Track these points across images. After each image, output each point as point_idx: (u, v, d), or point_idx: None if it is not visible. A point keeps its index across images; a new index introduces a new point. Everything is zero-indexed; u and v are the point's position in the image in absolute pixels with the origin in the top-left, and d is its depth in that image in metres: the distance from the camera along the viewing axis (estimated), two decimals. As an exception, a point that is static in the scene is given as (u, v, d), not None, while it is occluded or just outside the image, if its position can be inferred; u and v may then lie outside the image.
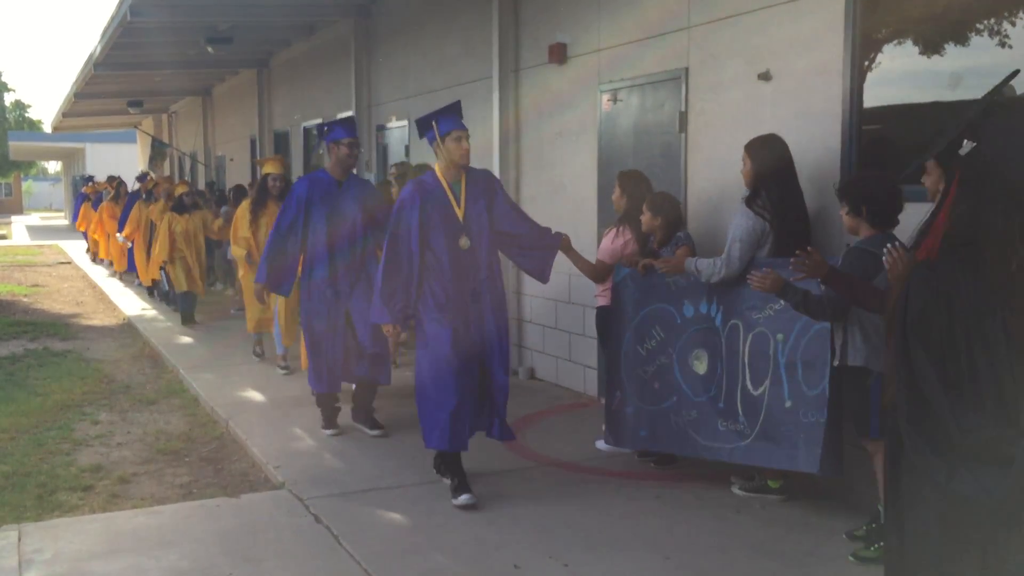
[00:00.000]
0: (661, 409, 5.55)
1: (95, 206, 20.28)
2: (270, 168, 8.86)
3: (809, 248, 4.20)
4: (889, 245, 3.62)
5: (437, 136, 5.44)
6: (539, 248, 5.64)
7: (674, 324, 5.54)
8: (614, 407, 5.78)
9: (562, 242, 5.74)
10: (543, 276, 5.68)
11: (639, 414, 5.66)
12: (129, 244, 15.28)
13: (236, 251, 9.05)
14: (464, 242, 5.35)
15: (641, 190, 6.07)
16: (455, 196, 5.42)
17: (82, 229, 22.82)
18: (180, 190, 12.83)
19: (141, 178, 17.06)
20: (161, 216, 12.42)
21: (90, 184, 23.64)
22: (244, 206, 8.94)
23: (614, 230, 6.11)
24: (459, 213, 5.38)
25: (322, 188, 6.61)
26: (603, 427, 5.97)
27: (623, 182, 6.19)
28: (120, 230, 16.43)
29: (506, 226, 5.54)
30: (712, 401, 5.30)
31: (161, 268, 12.51)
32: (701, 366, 5.40)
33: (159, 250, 11.86)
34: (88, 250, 22.83)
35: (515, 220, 5.62)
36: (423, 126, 5.55)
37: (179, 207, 12.00)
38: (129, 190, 18.27)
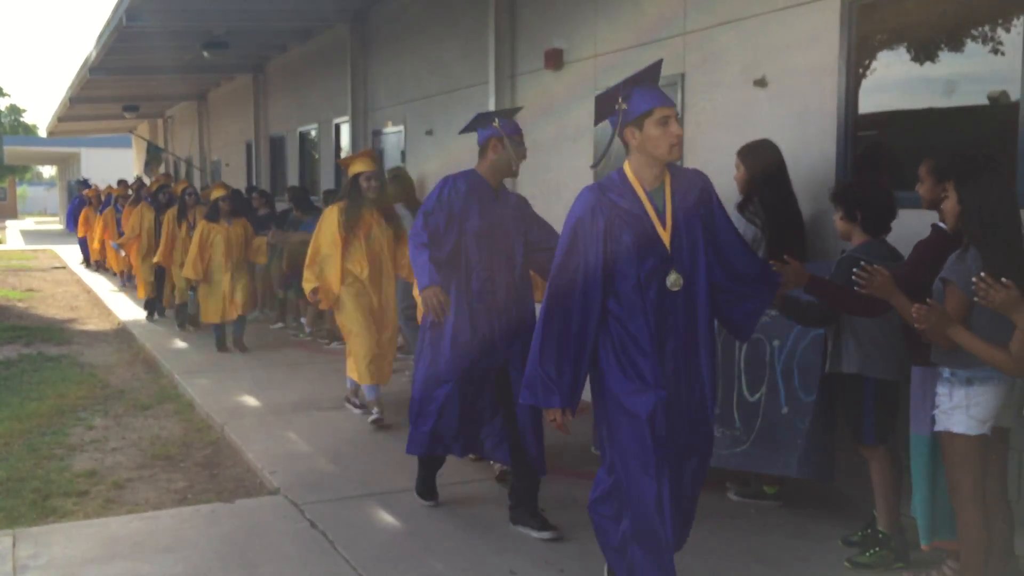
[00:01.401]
0: None
1: (101, 210, 19.13)
2: (360, 166, 7.04)
3: (785, 256, 3.93)
4: (858, 267, 3.73)
5: (622, 120, 3.68)
6: (756, 289, 3.78)
7: None
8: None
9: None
10: (747, 332, 3.89)
11: None
12: (123, 253, 14.07)
13: (307, 280, 6.99)
14: (674, 280, 3.59)
15: None
16: (657, 209, 3.63)
17: (83, 235, 21.56)
18: (181, 188, 11.91)
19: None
20: (173, 222, 11.12)
21: (91, 187, 22.09)
22: (332, 215, 7.01)
23: None
24: (664, 236, 3.59)
25: (479, 195, 4.97)
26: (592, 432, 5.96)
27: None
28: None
29: (730, 254, 3.71)
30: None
31: (191, 290, 10.93)
32: None
33: (189, 267, 9.84)
34: (87, 260, 21.68)
35: (739, 246, 3.76)
36: (604, 107, 3.80)
37: (214, 214, 9.95)
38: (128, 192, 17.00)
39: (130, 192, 16.57)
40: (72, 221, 23.94)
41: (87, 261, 21.74)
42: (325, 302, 7.06)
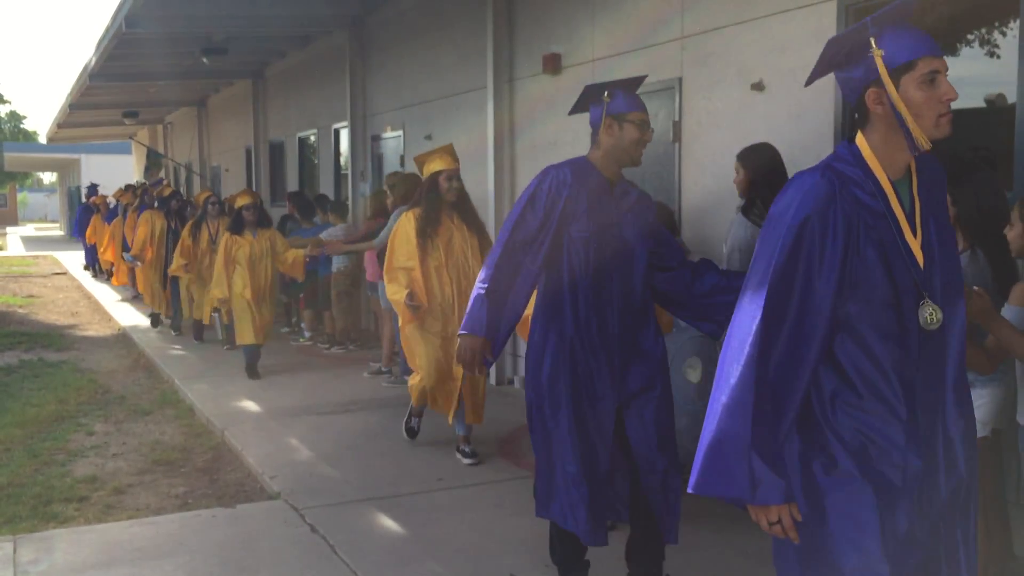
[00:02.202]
0: None
1: (108, 219, 18.02)
2: (439, 163, 6.04)
3: None
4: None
5: (885, 77, 2.48)
6: None
7: (669, 333, 5.55)
8: None
9: None
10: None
11: None
12: (138, 264, 12.45)
13: (395, 291, 6.02)
14: (932, 315, 2.36)
15: None
16: (906, 211, 2.45)
17: (93, 242, 20.28)
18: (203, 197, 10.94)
19: (155, 184, 14.71)
20: (193, 233, 10.46)
21: (99, 194, 20.99)
22: (407, 223, 6.09)
23: None
24: (917, 251, 2.41)
25: (589, 188, 3.91)
26: None
27: None
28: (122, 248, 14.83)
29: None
30: (704, 410, 5.29)
31: (215, 311, 10.09)
32: (695, 374, 5.41)
33: (216, 286, 8.97)
34: (93, 268, 20.98)
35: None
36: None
37: (237, 225, 9.03)
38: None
39: (136, 198, 15.59)
40: (79, 227, 22.77)
41: (93, 269, 21.03)
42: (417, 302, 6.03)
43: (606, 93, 3.90)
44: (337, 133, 13.22)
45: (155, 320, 12.58)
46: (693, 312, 4.02)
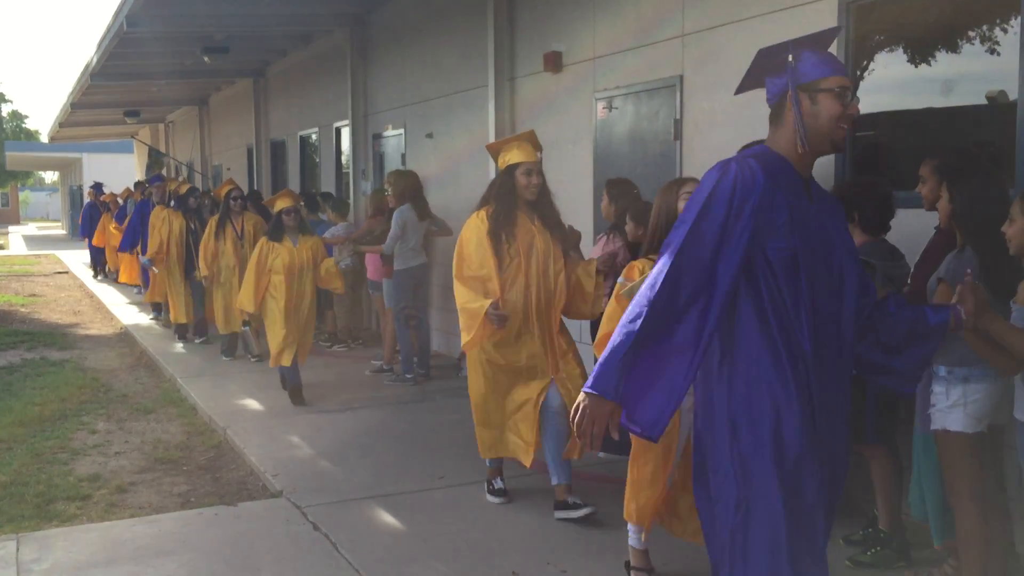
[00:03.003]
0: None
1: (119, 217, 17.14)
2: (518, 155, 5.19)
3: None
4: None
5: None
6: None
7: None
8: None
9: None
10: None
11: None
12: (154, 269, 11.40)
13: (469, 298, 5.12)
14: None
15: (629, 198, 6.08)
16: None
17: (100, 244, 19.41)
18: (226, 190, 9.98)
19: (155, 179, 13.56)
20: (211, 234, 9.64)
21: (105, 192, 20.09)
22: (478, 226, 5.19)
23: (604, 237, 6.13)
24: None
25: (784, 190, 2.82)
26: None
27: (611, 190, 6.20)
28: (125, 248, 13.83)
29: None
30: None
31: (245, 324, 9.20)
32: None
33: (246, 298, 7.81)
34: (99, 270, 20.25)
35: None
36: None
37: (277, 230, 7.84)
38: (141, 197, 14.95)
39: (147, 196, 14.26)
40: (85, 228, 21.33)
41: (98, 271, 20.39)
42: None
43: (790, 56, 2.85)
44: (338, 132, 13.23)
45: (182, 331, 11.33)
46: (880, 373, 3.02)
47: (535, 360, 5.12)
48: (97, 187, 20.95)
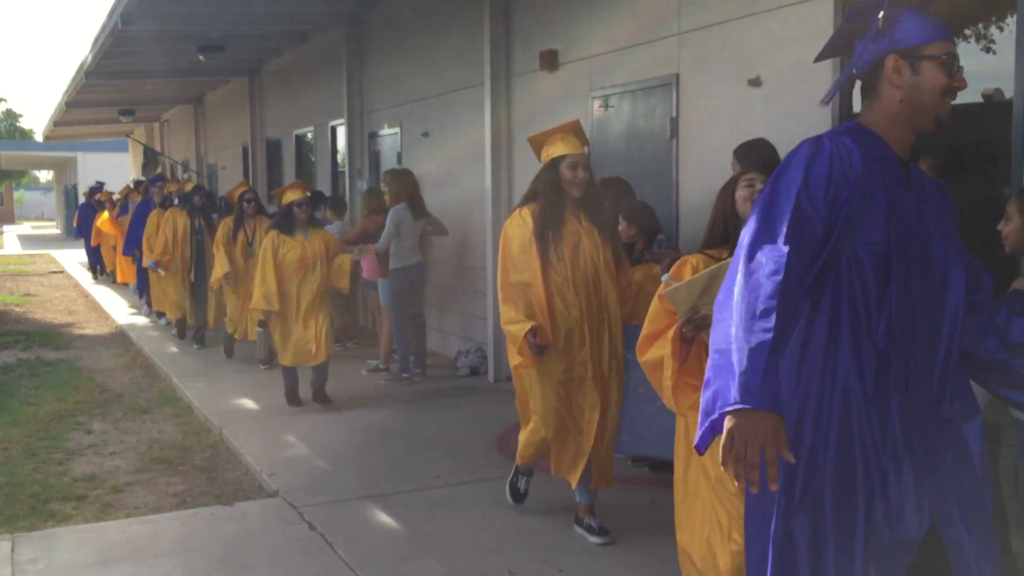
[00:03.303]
0: (644, 413, 5.55)
1: (120, 216, 16.27)
2: (563, 147, 4.78)
3: None
4: None
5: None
6: None
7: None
8: None
9: None
10: None
11: (621, 418, 5.67)
12: (160, 272, 10.93)
13: (511, 319, 4.70)
14: None
15: (627, 197, 6.09)
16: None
17: (96, 243, 18.48)
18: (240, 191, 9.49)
19: (156, 179, 12.91)
20: (228, 237, 9.15)
21: (103, 191, 19.04)
22: (521, 224, 4.76)
23: None
24: None
25: (880, 172, 2.42)
26: None
27: (605, 190, 6.19)
28: (131, 251, 13.15)
29: None
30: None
31: (261, 324, 8.77)
32: None
33: (260, 297, 7.38)
34: (97, 270, 19.60)
35: None
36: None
37: (287, 222, 7.51)
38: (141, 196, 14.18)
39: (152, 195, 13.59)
40: (82, 228, 20.51)
41: (96, 272, 19.75)
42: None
43: (880, 14, 2.42)
44: (334, 131, 13.21)
45: (182, 329, 11.16)
46: (1005, 374, 2.51)
47: (586, 373, 4.70)
48: (96, 187, 20.07)
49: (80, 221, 21.14)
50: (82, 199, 22.67)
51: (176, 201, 11.13)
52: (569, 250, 4.64)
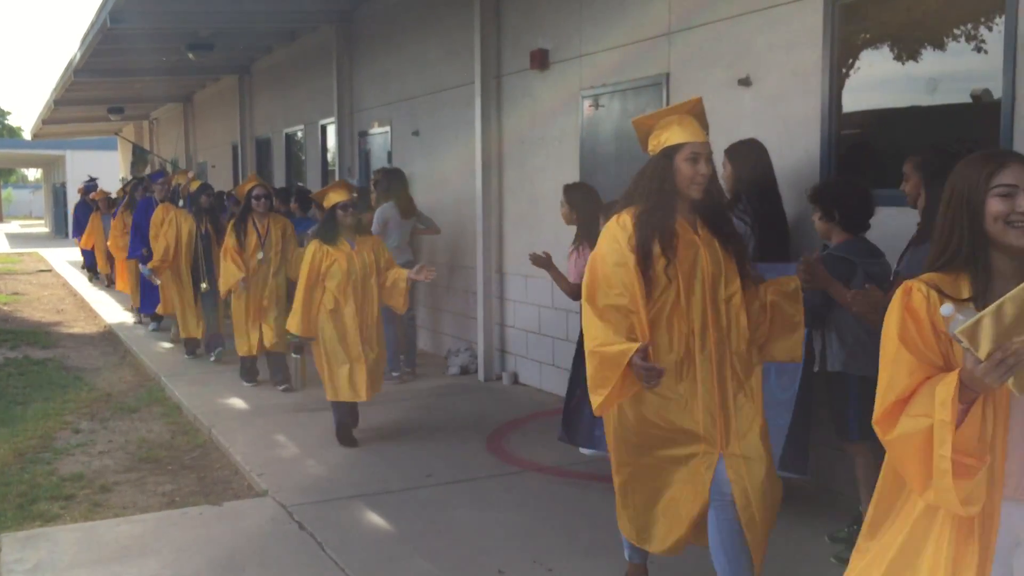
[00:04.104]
0: None
1: (115, 215, 14.66)
2: (680, 134, 3.62)
3: (811, 255, 3.83)
4: (839, 265, 3.73)
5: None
6: None
7: None
8: (572, 404, 5.81)
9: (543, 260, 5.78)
10: None
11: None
12: (156, 280, 10.18)
13: (603, 339, 3.53)
14: None
15: (589, 203, 6.08)
16: None
17: (88, 247, 17.48)
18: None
19: (156, 176, 11.70)
20: (238, 234, 8.09)
21: (98, 189, 17.76)
22: (617, 230, 3.63)
23: (575, 251, 6.07)
24: None
25: None
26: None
27: (569, 196, 6.18)
28: (137, 254, 11.30)
29: None
30: None
31: (296, 352, 7.82)
32: None
33: (297, 319, 6.36)
34: (94, 272, 18.43)
35: None
36: None
37: (331, 229, 6.40)
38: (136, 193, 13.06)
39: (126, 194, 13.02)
40: (78, 229, 19.01)
41: (93, 273, 18.72)
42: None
43: None
44: (324, 129, 13.19)
45: (192, 346, 10.01)
46: None
47: (699, 424, 3.54)
48: (89, 184, 18.82)
49: (76, 220, 19.53)
50: (77, 196, 21.45)
51: (181, 201, 10.05)
52: (684, 269, 3.52)
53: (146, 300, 11.76)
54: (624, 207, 3.71)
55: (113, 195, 17.02)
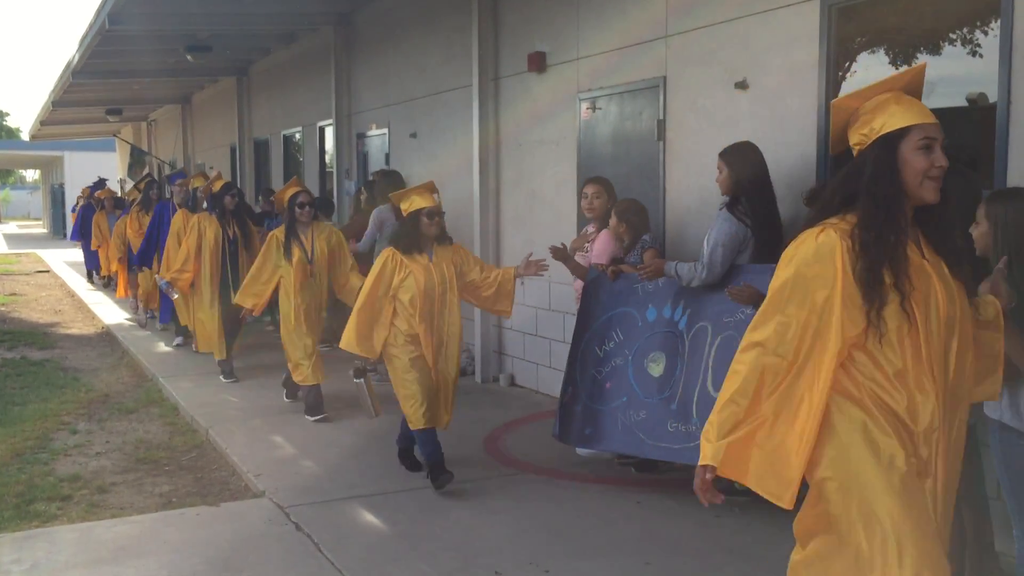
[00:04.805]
0: (609, 409, 5.60)
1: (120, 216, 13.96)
2: (899, 115, 2.71)
3: None
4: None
5: None
6: None
7: (635, 327, 5.61)
8: (565, 402, 5.84)
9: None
10: None
11: (586, 412, 5.72)
12: (174, 294, 9.01)
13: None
14: None
15: (614, 196, 6.28)
16: None
17: (97, 247, 15.79)
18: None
19: (175, 176, 11.15)
20: (276, 251, 7.20)
21: (105, 188, 16.72)
22: (808, 247, 2.68)
23: (605, 232, 6.17)
24: None
25: None
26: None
27: (608, 188, 6.31)
28: (146, 262, 10.83)
29: None
30: (664, 403, 5.33)
31: (358, 376, 6.10)
32: (657, 368, 5.44)
33: (353, 334, 5.66)
34: (95, 275, 17.83)
35: None
36: None
37: (412, 238, 5.68)
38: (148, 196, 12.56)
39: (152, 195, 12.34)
40: (77, 232, 18.10)
41: (92, 276, 18.40)
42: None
43: None
44: (322, 131, 13.20)
45: (228, 370, 8.86)
46: None
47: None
48: (99, 183, 17.58)
49: (79, 222, 18.11)
50: (78, 194, 20.39)
51: (205, 204, 9.05)
52: (920, 300, 2.60)
53: (165, 308, 10.90)
54: (823, 216, 2.76)
55: (119, 195, 16.37)
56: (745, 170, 5.24)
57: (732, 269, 5.10)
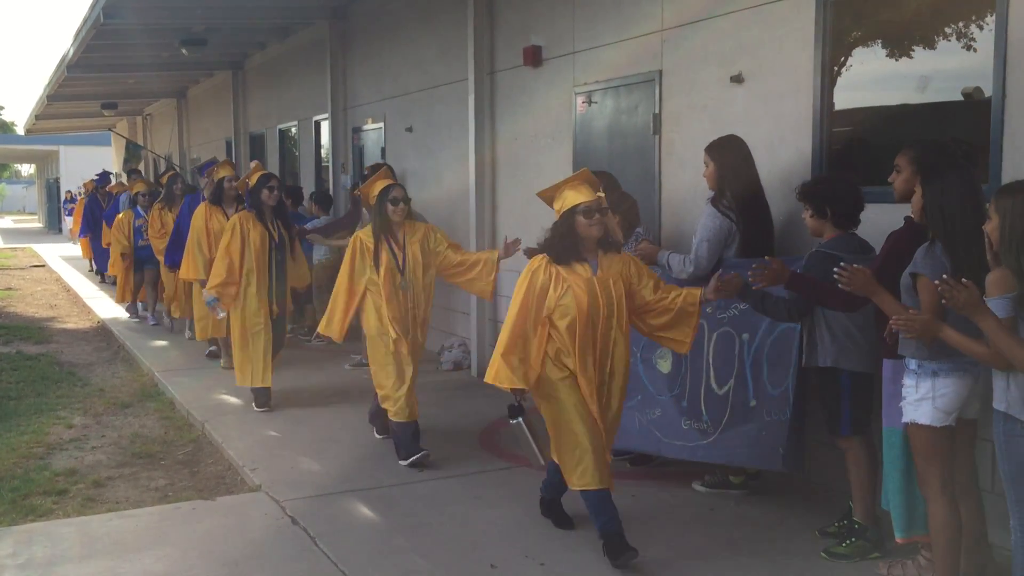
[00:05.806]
0: (626, 407, 5.58)
1: (108, 215, 13.97)
2: None
3: (768, 257, 4.33)
4: (832, 263, 3.81)
5: None
6: None
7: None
8: None
9: None
10: None
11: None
12: (220, 312, 7.54)
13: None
14: None
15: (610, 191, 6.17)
16: None
17: (105, 245, 13.95)
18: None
19: (206, 165, 10.36)
20: (363, 255, 5.95)
21: (112, 182, 16.21)
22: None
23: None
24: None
25: None
26: None
27: (610, 182, 6.28)
28: (174, 265, 9.42)
29: None
30: (676, 400, 5.34)
31: (513, 418, 4.71)
32: (665, 365, 5.45)
33: (502, 362, 4.52)
34: (101, 273, 16.87)
35: None
36: None
37: (569, 242, 4.46)
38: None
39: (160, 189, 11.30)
40: (87, 225, 16.94)
41: (101, 274, 17.07)
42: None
43: None
44: (318, 125, 13.18)
45: (263, 399, 7.48)
46: None
47: None
48: (103, 177, 17.25)
49: (86, 216, 17.04)
50: (83, 191, 19.29)
51: (246, 202, 7.76)
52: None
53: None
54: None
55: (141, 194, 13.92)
56: (729, 164, 5.25)
57: (720, 263, 5.12)
